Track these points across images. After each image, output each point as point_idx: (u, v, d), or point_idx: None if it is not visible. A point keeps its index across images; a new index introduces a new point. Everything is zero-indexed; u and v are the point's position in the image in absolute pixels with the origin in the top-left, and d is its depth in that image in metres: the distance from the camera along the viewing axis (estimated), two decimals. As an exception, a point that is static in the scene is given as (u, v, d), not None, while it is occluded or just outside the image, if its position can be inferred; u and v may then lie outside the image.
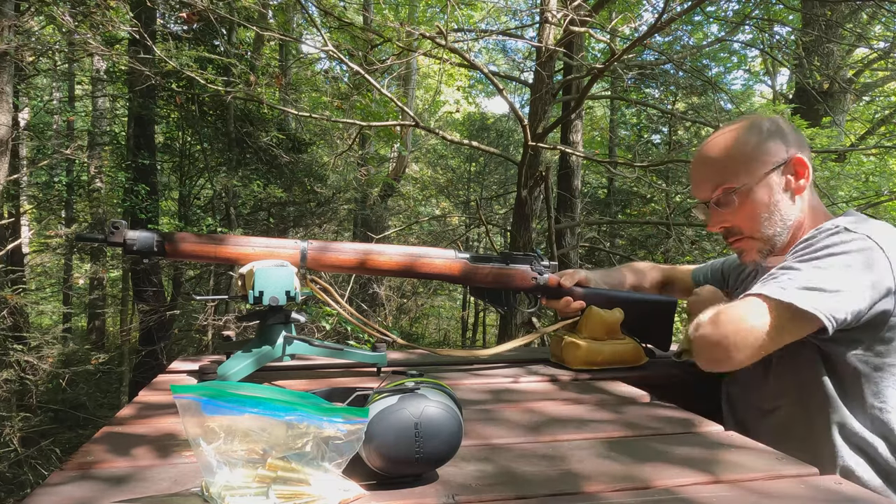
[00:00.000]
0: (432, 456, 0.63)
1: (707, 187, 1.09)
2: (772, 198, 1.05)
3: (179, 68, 3.34)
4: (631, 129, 7.54)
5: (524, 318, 3.65)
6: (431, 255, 1.19)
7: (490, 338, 9.45)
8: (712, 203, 1.08)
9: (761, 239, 1.07)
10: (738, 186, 1.05)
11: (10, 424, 3.87)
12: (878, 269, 0.93)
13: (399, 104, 3.37)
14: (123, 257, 6.41)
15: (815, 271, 0.94)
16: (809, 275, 0.94)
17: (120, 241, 1.02)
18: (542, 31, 3.82)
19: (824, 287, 0.92)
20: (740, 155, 1.06)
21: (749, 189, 1.05)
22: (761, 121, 1.08)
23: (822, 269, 0.94)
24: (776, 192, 1.05)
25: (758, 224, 1.06)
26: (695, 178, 1.13)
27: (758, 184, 1.05)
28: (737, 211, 1.07)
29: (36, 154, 5.50)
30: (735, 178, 1.05)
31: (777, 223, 1.06)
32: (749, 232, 1.08)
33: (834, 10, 5.04)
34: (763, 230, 1.06)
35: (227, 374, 0.97)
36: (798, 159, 1.05)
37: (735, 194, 1.05)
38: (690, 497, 0.63)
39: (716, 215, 1.09)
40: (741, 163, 1.05)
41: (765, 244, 1.08)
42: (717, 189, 1.07)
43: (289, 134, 5.89)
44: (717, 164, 1.08)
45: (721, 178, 1.07)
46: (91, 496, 0.60)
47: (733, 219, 1.08)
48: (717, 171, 1.07)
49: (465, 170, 9.10)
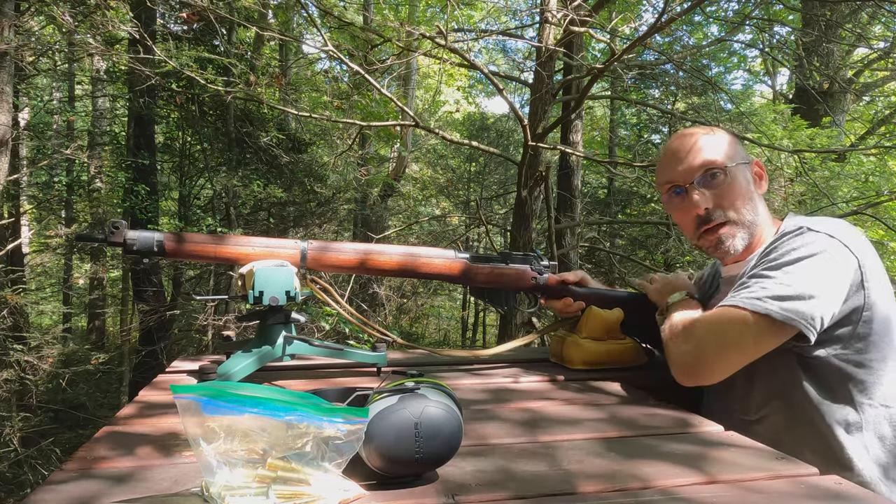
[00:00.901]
0: (432, 456, 0.63)
1: (691, 168, 1.07)
2: (748, 186, 1.07)
3: (179, 68, 3.34)
4: (631, 129, 7.53)
5: (524, 318, 3.65)
6: (431, 255, 1.19)
7: (490, 338, 9.45)
8: (697, 183, 1.07)
9: (743, 223, 1.07)
10: (727, 166, 1.06)
11: (10, 424, 3.87)
12: (845, 267, 0.94)
13: (399, 104, 3.37)
14: (123, 257, 6.41)
15: (787, 277, 0.94)
16: (782, 282, 0.94)
17: (120, 241, 1.02)
18: (542, 31, 3.82)
19: (799, 294, 0.93)
20: (719, 142, 1.08)
21: (735, 170, 1.06)
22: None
23: (794, 273, 0.94)
24: (750, 183, 1.08)
25: (740, 206, 1.06)
26: (672, 163, 1.10)
27: (736, 169, 1.07)
28: (723, 191, 1.06)
29: (36, 154, 5.49)
30: (722, 159, 1.06)
31: (755, 211, 1.07)
32: (734, 214, 1.06)
33: (834, 10, 5.04)
34: (745, 214, 1.06)
35: (227, 373, 0.97)
36: (759, 163, 1.09)
37: (723, 173, 1.06)
38: (690, 497, 0.63)
39: (702, 196, 1.06)
40: (726, 146, 1.08)
41: (746, 230, 1.07)
42: (702, 169, 1.06)
43: (289, 134, 5.89)
44: (701, 146, 1.08)
45: (706, 157, 1.06)
46: (91, 496, 0.60)
47: (718, 200, 1.06)
48: (701, 151, 1.07)
49: (465, 170, 9.10)
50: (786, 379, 1.01)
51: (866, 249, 0.98)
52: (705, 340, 0.97)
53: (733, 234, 1.07)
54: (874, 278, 0.96)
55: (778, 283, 0.94)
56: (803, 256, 0.95)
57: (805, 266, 0.94)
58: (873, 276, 0.96)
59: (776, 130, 5.19)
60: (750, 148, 4.65)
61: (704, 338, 0.97)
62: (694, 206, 1.07)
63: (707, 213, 1.07)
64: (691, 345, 0.99)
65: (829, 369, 0.97)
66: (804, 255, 0.95)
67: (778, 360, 0.99)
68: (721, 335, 0.96)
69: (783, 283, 0.94)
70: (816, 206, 4.68)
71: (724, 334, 0.96)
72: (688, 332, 1.00)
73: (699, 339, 0.98)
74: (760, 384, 1.04)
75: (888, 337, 0.97)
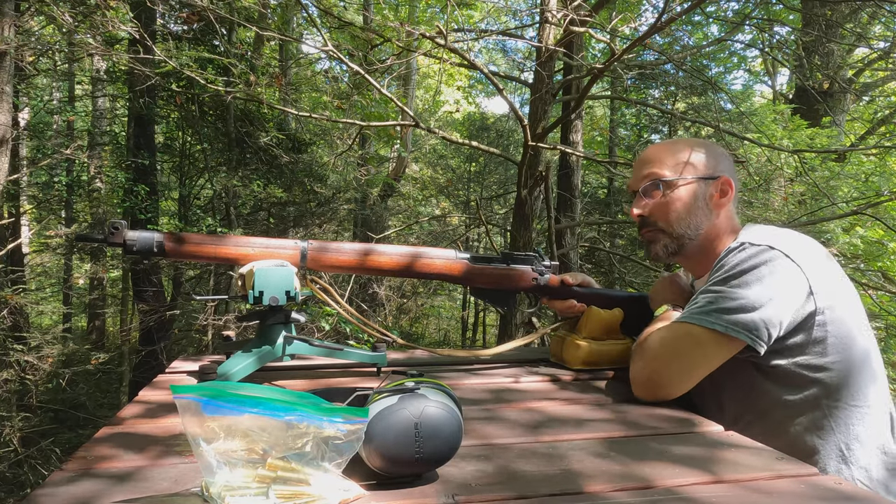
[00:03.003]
0: (432, 456, 0.63)
1: (638, 177, 1.17)
2: (693, 201, 1.12)
3: (179, 68, 3.34)
4: (631, 129, 7.53)
5: (524, 318, 3.65)
6: (432, 255, 1.19)
7: (490, 338, 9.44)
8: (641, 191, 1.16)
9: (671, 234, 1.14)
10: (665, 179, 1.12)
11: (10, 424, 3.87)
12: (788, 276, 0.97)
13: (399, 104, 3.37)
14: (123, 257, 6.41)
15: (732, 291, 0.98)
16: (726, 296, 0.98)
17: (120, 242, 1.02)
18: (542, 31, 3.82)
19: (742, 306, 0.96)
20: (674, 155, 1.14)
21: (674, 185, 1.12)
22: (708, 142, 1.19)
23: (739, 287, 0.98)
24: (698, 199, 1.12)
25: (672, 219, 1.13)
26: (634, 169, 1.21)
27: (684, 184, 1.12)
28: (658, 202, 1.14)
29: (36, 154, 5.49)
30: (664, 171, 1.13)
31: (689, 226, 1.13)
32: (663, 224, 1.14)
33: (834, 10, 5.04)
34: (675, 227, 1.13)
35: (227, 373, 0.97)
36: (727, 180, 1.12)
37: (661, 184, 1.13)
38: (691, 496, 0.63)
39: (639, 202, 1.16)
40: (673, 160, 1.13)
41: (672, 241, 1.14)
42: (645, 180, 1.15)
43: (289, 134, 5.89)
44: (653, 158, 1.16)
45: (652, 169, 1.14)
46: (91, 496, 0.60)
47: (652, 209, 1.15)
48: (651, 163, 1.15)
49: (465, 170, 9.09)
50: (750, 393, 1.03)
51: (810, 256, 1.00)
52: (657, 357, 1.01)
53: (657, 240, 1.16)
54: (823, 283, 0.98)
55: (722, 296, 0.98)
56: (745, 270, 0.98)
57: (747, 279, 0.98)
58: (821, 280, 0.98)
59: (776, 130, 5.19)
60: (750, 148, 4.66)
61: (656, 354, 1.01)
62: (637, 207, 1.17)
63: (642, 219, 1.17)
64: (644, 361, 1.02)
65: (792, 377, 0.99)
66: (746, 269, 0.98)
67: (741, 375, 1.02)
68: (671, 351, 1.00)
69: (727, 297, 0.98)
70: (816, 205, 4.68)
71: (674, 350, 1.00)
72: (642, 349, 1.05)
73: (651, 355, 1.01)
74: (729, 401, 1.07)
75: (848, 338, 0.98)
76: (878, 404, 1.00)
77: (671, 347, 1.00)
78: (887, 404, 1.02)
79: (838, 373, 0.98)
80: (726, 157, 1.17)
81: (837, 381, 0.98)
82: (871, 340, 1.02)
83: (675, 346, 1.00)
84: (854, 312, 1.01)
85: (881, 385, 1.02)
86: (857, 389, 0.99)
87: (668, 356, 0.99)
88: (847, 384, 0.98)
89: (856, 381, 0.99)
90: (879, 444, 0.99)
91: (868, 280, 4.23)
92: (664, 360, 0.99)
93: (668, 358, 0.99)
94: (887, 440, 1.00)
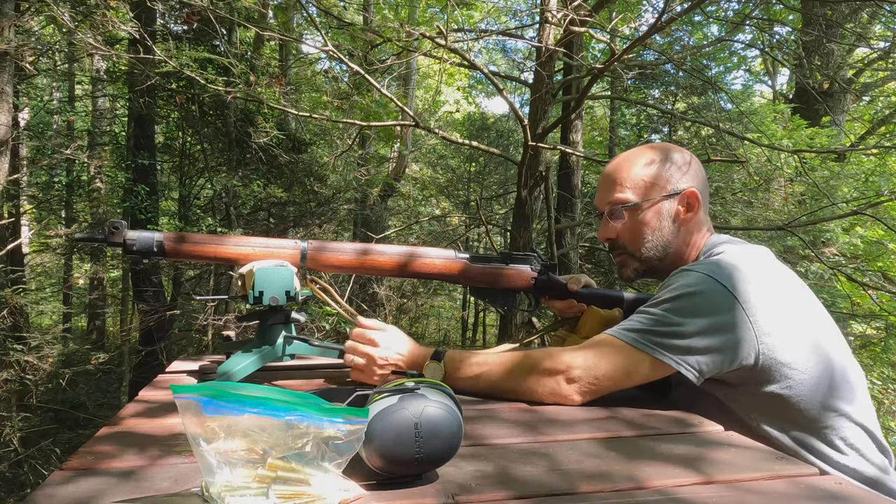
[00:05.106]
0: (432, 456, 0.63)
1: (604, 199, 1.16)
2: (658, 222, 1.12)
3: (179, 68, 3.34)
4: (631, 129, 7.53)
5: (524, 318, 3.65)
6: (431, 255, 1.19)
7: (490, 338, 9.44)
8: (605, 214, 1.15)
9: (639, 258, 1.15)
10: (630, 203, 1.12)
11: (10, 424, 3.88)
12: (720, 306, 0.95)
13: (399, 104, 3.37)
14: (123, 257, 6.41)
15: (661, 315, 0.97)
16: (655, 318, 0.98)
17: (120, 242, 1.02)
18: (542, 31, 3.82)
19: (671, 331, 0.95)
20: (638, 176, 1.12)
21: (639, 208, 1.12)
22: (671, 150, 1.15)
23: (667, 311, 0.97)
24: (664, 218, 1.12)
25: (639, 243, 1.13)
26: (599, 187, 1.19)
27: (649, 206, 1.11)
28: (624, 226, 1.14)
29: (36, 154, 5.49)
30: (626, 196, 1.12)
31: (657, 247, 1.13)
32: (631, 248, 1.15)
33: (834, 10, 5.04)
34: (643, 250, 1.14)
35: (227, 373, 0.97)
36: (692, 192, 1.11)
37: (626, 210, 1.13)
38: (689, 497, 0.63)
39: (606, 226, 1.16)
40: (637, 183, 1.12)
41: (641, 264, 1.15)
42: (609, 204, 1.14)
43: (289, 134, 5.89)
44: (616, 179, 1.14)
45: (616, 193, 1.13)
46: (91, 495, 0.60)
47: (620, 233, 1.15)
48: (615, 186, 1.14)
49: (465, 170, 9.09)
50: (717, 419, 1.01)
51: (751, 284, 0.96)
52: (586, 362, 0.98)
53: (627, 264, 1.18)
54: (763, 309, 0.95)
55: (650, 318, 0.98)
56: (677, 296, 0.98)
57: (678, 305, 0.97)
58: (761, 307, 0.95)
59: (776, 130, 5.19)
60: (750, 148, 4.65)
61: (585, 359, 0.98)
62: (604, 232, 1.18)
63: (611, 242, 1.18)
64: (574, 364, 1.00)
65: (755, 405, 0.98)
66: (678, 295, 0.98)
67: (708, 411, 0.98)
68: (595, 359, 0.97)
69: (655, 319, 0.98)
70: (816, 205, 4.67)
71: (597, 359, 0.97)
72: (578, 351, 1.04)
73: (582, 360, 0.99)
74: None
75: (799, 358, 0.95)
76: (850, 421, 0.96)
77: (594, 354, 0.98)
78: (865, 419, 0.98)
79: (798, 390, 0.95)
80: (689, 162, 1.14)
81: (800, 398, 0.95)
82: (839, 356, 0.99)
83: (597, 350, 0.98)
84: (812, 333, 0.98)
85: (860, 399, 0.98)
86: (822, 409, 0.96)
87: (592, 362, 0.97)
88: (809, 398, 0.95)
89: (820, 401, 0.95)
90: (856, 463, 0.96)
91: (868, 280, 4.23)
92: (590, 365, 0.97)
93: (589, 364, 0.97)
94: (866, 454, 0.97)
